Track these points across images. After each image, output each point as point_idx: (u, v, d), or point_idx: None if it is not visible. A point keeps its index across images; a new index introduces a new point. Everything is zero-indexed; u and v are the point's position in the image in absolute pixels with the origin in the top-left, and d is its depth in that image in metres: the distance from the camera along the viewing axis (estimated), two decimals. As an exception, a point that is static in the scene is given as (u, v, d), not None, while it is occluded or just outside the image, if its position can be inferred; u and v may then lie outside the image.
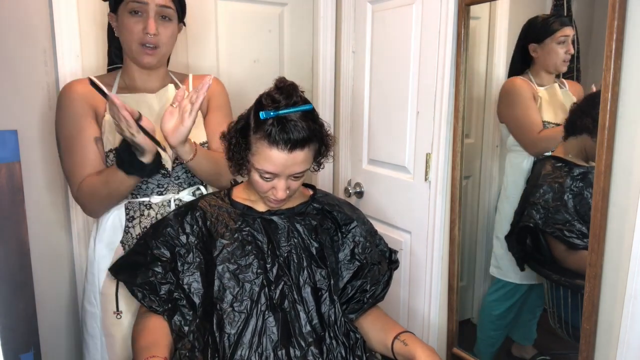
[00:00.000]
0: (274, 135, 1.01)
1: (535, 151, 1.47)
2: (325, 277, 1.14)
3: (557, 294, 1.37)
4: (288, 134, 1.00)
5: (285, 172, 1.05)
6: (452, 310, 1.55)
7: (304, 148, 1.03)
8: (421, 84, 1.55)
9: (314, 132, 1.05)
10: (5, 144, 1.42)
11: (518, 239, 1.48)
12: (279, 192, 1.07)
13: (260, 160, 1.04)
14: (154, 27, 1.20)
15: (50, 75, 1.51)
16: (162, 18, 1.22)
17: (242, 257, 1.11)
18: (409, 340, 1.11)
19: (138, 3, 1.19)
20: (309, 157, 1.06)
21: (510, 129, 1.51)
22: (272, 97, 1.04)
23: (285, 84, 1.05)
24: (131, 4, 1.19)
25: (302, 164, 1.06)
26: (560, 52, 1.41)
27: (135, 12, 1.20)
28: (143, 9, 1.20)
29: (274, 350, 1.06)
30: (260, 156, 1.04)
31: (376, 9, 1.73)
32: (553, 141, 1.43)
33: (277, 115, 1.01)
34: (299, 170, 1.06)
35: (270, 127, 1.01)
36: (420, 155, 1.58)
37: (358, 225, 1.23)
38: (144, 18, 1.20)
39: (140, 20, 1.20)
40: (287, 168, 1.04)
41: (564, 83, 1.45)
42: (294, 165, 1.04)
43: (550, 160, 1.40)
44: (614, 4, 1.02)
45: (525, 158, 1.48)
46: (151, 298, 1.11)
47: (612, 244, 1.09)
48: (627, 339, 1.05)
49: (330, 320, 1.12)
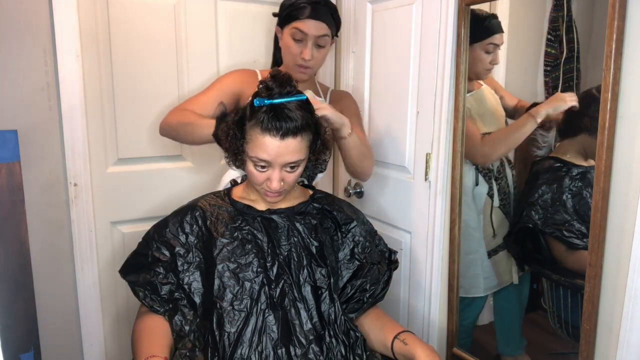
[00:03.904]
0: (266, 122, 1.02)
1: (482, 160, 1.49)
2: (325, 275, 1.14)
3: (557, 294, 1.37)
4: (280, 121, 1.02)
5: (278, 161, 1.05)
6: (452, 310, 1.55)
7: (297, 136, 1.04)
8: (421, 84, 1.55)
9: (307, 121, 1.06)
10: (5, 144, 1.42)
11: (516, 239, 1.48)
12: (273, 182, 1.07)
13: (254, 148, 1.05)
14: (309, 54, 1.41)
15: (50, 75, 1.51)
16: (317, 46, 1.42)
17: (242, 256, 1.11)
18: (409, 340, 1.11)
19: (301, 33, 1.39)
20: (302, 147, 1.07)
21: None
22: (267, 86, 1.06)
23: (280, 74, 1.08)
24: (294, 31, 1.40)
25: (295, 153, 1.06)
26: (486, 61, 1.43)
27: (296, 39, 1.41)
28: (303, 37, 1.40)
29: (274, 349, 1.06)
30: (254, 144, 1.05)
31: (376, 9, 1.73)
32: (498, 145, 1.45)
33: (270, 104, 1.03)
34: (292, 160, 1.06)
35: (263, 115, 1.03)
36: (420, 155, 1.58)
37: (358, 225, 1.23)
38: (303, 44, 1.41)
39: (299, 45, 1.41)
40: (279, 156, 1.05)
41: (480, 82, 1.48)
42: (287, 154, 1.05)
43: (549, 161, 1.40)
44: (614, 4, 1.02)
45: (470, 173, 1.51)
46: (152, 298, 1.11)
47: (612, 244, 1.09)
48: (627, 339, 1.05)
49: (330, 319, 1.12)
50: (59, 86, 1.51)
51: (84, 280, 1.64)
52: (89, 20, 1.55)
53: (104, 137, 1.64)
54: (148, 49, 1.65)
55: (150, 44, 1.65)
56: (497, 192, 1.52)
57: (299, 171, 1.11)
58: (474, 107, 1.47)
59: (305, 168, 1.14)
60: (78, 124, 1.55)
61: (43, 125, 1.52)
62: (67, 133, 1.54)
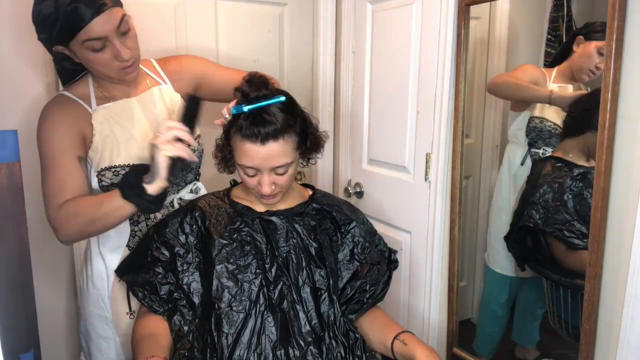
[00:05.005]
0: (245, 128, 1.02)
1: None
2: (324, 277, 1.14)
3: (557, 294, 1.37)
4: (258, 127, 1.01)
5: (265, 166, 1.05)
6: (452, 310, 1.55)
7: (278, 139, 1.03)
8: (421, 84, 1.55)
9: (287, 123, 1.04)
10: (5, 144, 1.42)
11: (517, 238, 1.48)
12: (263, 187, 1.07)
13: (240, 156, 1.06)
14: (125, 52, 1.10)
15: (50, 75, 1.51)
16: (121, 35, 1.10)
17: (240, 257, 1.11)
18: (409, 340, 1.11)
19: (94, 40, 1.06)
20: (286, 149, 1.05)
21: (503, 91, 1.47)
22: (242, 91, 1.05)
23: (255, 77, 1.06)
24: (88, 44, 1.06)
25: (281, 157, 1.05)
26: (594, 60, 1.30)
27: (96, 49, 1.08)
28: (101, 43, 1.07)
29: (273, 350, 1.06)
30: (239, 152, 1.05)
31: (376, 9, 1.73)
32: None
33: (248, 110, 1.02)
34: (279, 164, 1.05)
35: (242, 122, 1.02)
36: (420, 155, 1.58)
37: (357, 225, 1.23)
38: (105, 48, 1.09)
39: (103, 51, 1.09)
40: (265, 161, 1.04)
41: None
42: (272, 158, 1.04)
43: (550, 160, 1.40)
44: (614, 4, 1.01)
45: (519, 151, 1.47)
46: (152, 298, 1.11)
47: (612, 244, 1.08)
48: (627, 339, 1.05)
49: (329, 320, 1.12)
50: (59, 86, 1.51)
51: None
52: (88, 20, 1.55)
53: (104, 137, 1.64)
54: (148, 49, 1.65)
55: (151, 44, 1.65)
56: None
57: (291, 173, 1.10)
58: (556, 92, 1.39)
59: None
60: (78, 124, 1.55)
61: (43, 126, 1.52)
62: (67, 133, 1.54)
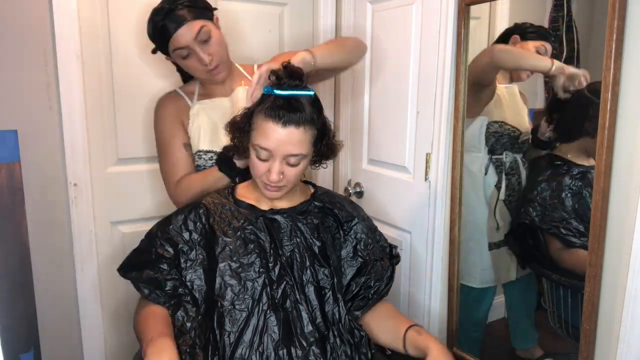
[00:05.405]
0: (270, 108, 1.05)
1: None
2: (328, 275, 1.14)
3: (557, 293, 1.37)
4: (283, 108, 1.04)
5: (279, 150, 1.06)
6: (452, 310, 1.55)
7: (299, 127, 1.05)
8: (421, 84, 1.55)
9: (312, 116, 1.07)
10: (5, 144, 1.42)
11: (516, 236, 1.48)
12: (272, 174, 1.08)
13: (257, 136, 1.07)
14: (206, 58, 1.32)
15: (50, 75, 1.51)
16: (203, 42, 1.32)
17: (244, 256, 1.12)
18: (423, 332, 1.14)
19: (181, 49, 1.31)
20: (304, 139, 1.07)
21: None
22: (277, 75, 1.08)
23: (292, 66, 1.10)
24: (177, 53, 1.32)
25: (297, 145, 1.06)
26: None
27: (184, 57, 1.33)
28: (188, 51, 1.32)
29: (275, 350, 1.06)
30: (258, 131, 1.07)
31: (376, 9, 1.73)
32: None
33: (279, 94, 1.06)
34: (294, 152, 1.07)
35: (269, 102, 1.06)
36: (420, 155, 1.58)
37: (359, 222, 1.23)
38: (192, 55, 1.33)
39: (192, 58, 1.33)
40: (281, 145, 1.05)
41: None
42: (289, 144, 1.05)
43: (550, 158, 1.41)
44: (614, 4, 1.02)
45: (479, 160, 1.51)
46: (157, 294, 1.12)
47: (612, 244, 1.09)
48: (627, 339, 1.05)
49: (334, 319, 1.12)
50: (59, 86, 1.51)
51: (84, 280, 1.64)
52: (89, 20, 1.55)
53: (104, 137, 1.64)
54: (148, 49, 1.65)
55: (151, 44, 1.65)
56: (505, 186, 1.52)
57: (300, 167, 1.11)
58: (505, 97, 1.50)
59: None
60: (78, 124, 1.55)
61: (43, 125, 1.52)
62: (67, 133, 1.54)
